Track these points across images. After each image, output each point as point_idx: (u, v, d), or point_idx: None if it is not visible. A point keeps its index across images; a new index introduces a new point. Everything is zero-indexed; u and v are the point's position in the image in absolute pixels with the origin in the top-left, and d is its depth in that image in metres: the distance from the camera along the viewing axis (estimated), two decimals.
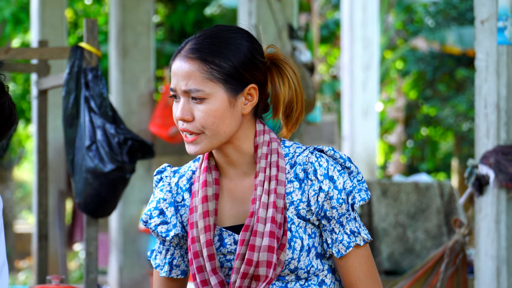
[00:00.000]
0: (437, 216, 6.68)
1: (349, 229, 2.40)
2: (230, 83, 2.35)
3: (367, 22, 9.44)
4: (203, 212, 2.38)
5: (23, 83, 14.77)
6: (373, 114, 9.53)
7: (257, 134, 2.41)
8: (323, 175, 2.37)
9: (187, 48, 2.37)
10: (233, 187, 2.43)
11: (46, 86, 4.89)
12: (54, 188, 9.39)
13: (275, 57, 2.43)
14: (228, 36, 2.38)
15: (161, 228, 2.46)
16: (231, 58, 2.35)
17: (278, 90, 2.41)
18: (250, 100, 2.38)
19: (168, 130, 8.82)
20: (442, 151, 17.63)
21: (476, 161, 4.32)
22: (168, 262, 2.49)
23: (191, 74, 2.34)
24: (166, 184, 2.48)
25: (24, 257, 14.99)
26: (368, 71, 9.46)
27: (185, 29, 14.73)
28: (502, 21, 4.12)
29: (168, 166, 2.52)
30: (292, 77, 2.42)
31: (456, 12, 14.93)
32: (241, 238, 2.35)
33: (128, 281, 8.89)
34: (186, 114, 2.35)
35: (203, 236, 2.37)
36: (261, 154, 2.39)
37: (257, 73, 2.39)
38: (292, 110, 2.42)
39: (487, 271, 4.30)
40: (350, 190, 2.39)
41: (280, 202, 2.35)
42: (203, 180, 2.41)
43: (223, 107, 2.34)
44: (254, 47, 2.39)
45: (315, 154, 2.40)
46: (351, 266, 2.40)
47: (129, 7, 8.97)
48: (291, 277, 2.40)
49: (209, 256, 2.37)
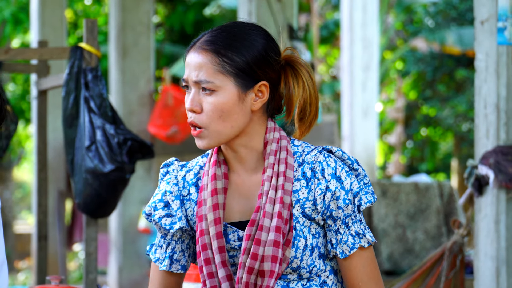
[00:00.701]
0: (436, 216, 6.69)
1: (354, 230, 2.40)
2: (241, 78, 2.36)
3: (367, 22, 9.44)
4: (213, 205, 2.38)
5: (22, 83, 14.77)
6: (373, 114, 9.53)
7: (267, 131, 2.42)
8: (330, 175, 2.38)
9: (202, 40, 2.40)
10: (240, 182, 2.43)
11: (46, 87, 4.89)
12: (54, 189, 9.39)
13: (292, 59, 2.45)
14: (244, 32, 2.39)
15: (165, 221, 2.46)
16: (244, 53, 2.36)
17: (292, 92, 2.42)
18: (260, 97, 2.39)
19: (168, 130, 8.81)
20: (441, 151, 17.63)
21: (476, 161, 4.32)
22: (169, 256, 2.49)
23: (203, 65, 2.36)
24: (173, 177, 2.48)
25: (23, 258, 14.99)
26: (367, 71, 9.46)
27: (185, 29, 14.73)
28: (502, 22, 4.13)
29: (176, 160, 2.52)
30: (308, 80, 2.43)
31: (456, 12, 14.93)
32: (247, 232, 2.35)
33: (128, 281, 8.88)
34: (195, 105, 2.37)
35: (212, 229, 2.37)
36: (270, 150, 2.40)
37: (270, 71, 2.40)
38: (306, 113, 2.43)
39: (486, 271, 4.30)
40: (357, 192, 2.39)
41: (287, 198, 2.36)
42: (213, 174, 2.41)
43: (231, 101, 2.35)
44: (269, 45, 2.41)
45: (323, 154, 2.41)
46: (355, 267, 2.40)
47: (129, 8, 8.96)
48: (293, 276, 2.40)
49: (219, 249, 2.37)
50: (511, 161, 4.18)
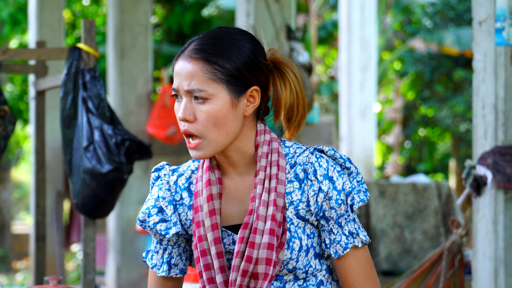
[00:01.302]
0: (434, 216, 6.69)
1: (348, 230, 2.40)
2: (233, 84, 2.35)
3: (365, 23, 9.44)
4: (209, 211, 2.38)
5: (21, 84, 14.76)
6: (371, 115, 9.54)
7: (258, 133, 2.41)
8: (323, 176, 2.37)
9: (190, 48, 2.38)
10: (233, 186, 2.43)
11: (44, 87, 4.88)
12: (52, 189, 9.39)
13: (277, 60, 2.44)
14: (232, 38, 2.38)
15: (160, 226, 2.45)
16: (235, 60, 2.35)
17: (280, 93, 2.41)
18: (252, 102, 2.38)
19: (166, 131, 8.81)
20: (440, 152, 17.63)
21: (474, 162, 4.32)
22: (167, 261, 2.49)
23: (195, 74, 2.34)
24: (165, 183, 2.48)
25: (21, 258, 14.98)
26: (365, 72, 9.47)
27: (183, 30, 14.73)
28: (500, 22, 4.13)
29: (167, 164, 2.51)
30: (294, 80, 2.43)
31: (454, 13, 14.94)
32: (240, 235, 2.35)
33: (126, 281, 8.88)
34: (188, 114, 2.35)
35: (210, 234, 2.37)
36: (261, 153, 2.39)
37: (260, 75, 2.39)
38: (293, 113, 2.43)
39: (484, 272, 4.30)
40: (349, 191, 2.39)
41: (280, 201, 2.36)
42: (207, 179, 2.41)
43: (225, 108, 2.34)
44: (257, 49, 2.40)
45: (315, 154, 2.40)
46: (349, 267, 2.40)
47: (127, 8, 8.96)
48: (289, 277, 2.40)
49: (218, 254, 2.37)
50: (509, 162, 4.19)
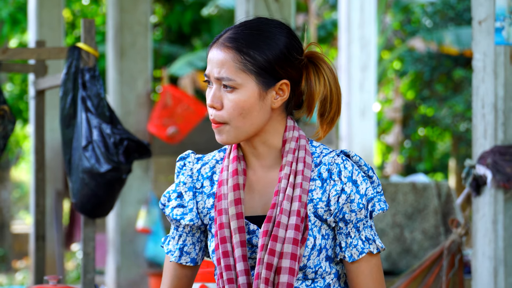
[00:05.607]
0: (434, 216, 6.69)
1: (365, 235, 2.41)
2: (263, 77, 2.37)
3: (365, 22, 9.44)
4: (235, 200, 2.40)
5: (20, 83, 14.77)
6: (371, 114, 9.54)
7: (287, 129, 2.43)
8: (347, 178, 2.39)
9: (225, 36, 2.40)
10: (255, 179, 2.45)
11: (44, 87, 4.88)
12: (52, 189, 9.39)
13: (314, 55, 2.46)
14: (268, 30, 2.40)
15: (177, 211, 2.48)
16: (267, 52, 2.37)
17: (313, 88, 2.43)
18: (281, 95, 2.40)
19: (167, 130, 8.82)
20: (439, 151, 17.64)
21: (474, 161, 4.32)
22: (179, 248, 2.51)
23: (225, 62, 2.37)
24: (188, 169, 2.50)
25: (21, 258, 14.99)
26: (365, 71, 9.47)
27: (183, 29, 14.73)
28: (500, 22, 4.13)
29: (192, 152, 2.54)
30: (329, 76, 2.45)
31: (453, 12, 14.94)
32: (264, 229, 2.36)
33: (126, 281, 8.88)
34: (216, 101, 2.38)
35: (234, 223, 2.38)
36: (288, 148, 2.41)
37: (291, 70, 2.40)
38: (325, 109, 2.44)
39: (484, 271, 4.30)
40: (371, 198, 2.41)
41: (305, 197, 2.37)
42: (234, 169, 2.42)
43: (252, 99, 2.37)
44: (291, 44, 2.41)
45: (341, 156, 2.42)
46: (362, 272, 2.41)
47: (127, 8, 8.96)
48: (299, 275, 2.41)
49: (241, 243, 2.38)
50: (508, 161, 4.19)
